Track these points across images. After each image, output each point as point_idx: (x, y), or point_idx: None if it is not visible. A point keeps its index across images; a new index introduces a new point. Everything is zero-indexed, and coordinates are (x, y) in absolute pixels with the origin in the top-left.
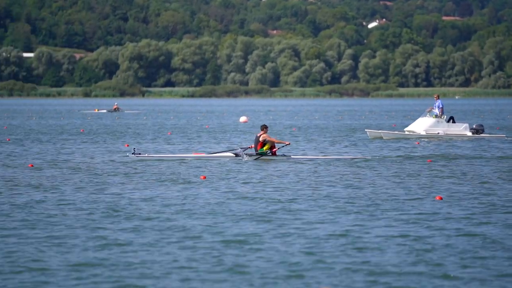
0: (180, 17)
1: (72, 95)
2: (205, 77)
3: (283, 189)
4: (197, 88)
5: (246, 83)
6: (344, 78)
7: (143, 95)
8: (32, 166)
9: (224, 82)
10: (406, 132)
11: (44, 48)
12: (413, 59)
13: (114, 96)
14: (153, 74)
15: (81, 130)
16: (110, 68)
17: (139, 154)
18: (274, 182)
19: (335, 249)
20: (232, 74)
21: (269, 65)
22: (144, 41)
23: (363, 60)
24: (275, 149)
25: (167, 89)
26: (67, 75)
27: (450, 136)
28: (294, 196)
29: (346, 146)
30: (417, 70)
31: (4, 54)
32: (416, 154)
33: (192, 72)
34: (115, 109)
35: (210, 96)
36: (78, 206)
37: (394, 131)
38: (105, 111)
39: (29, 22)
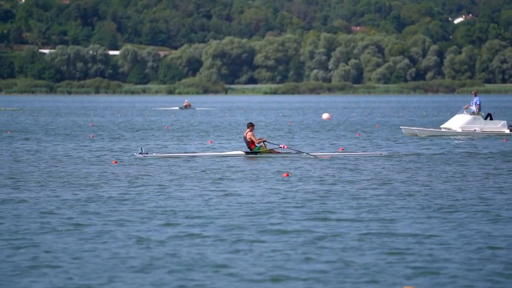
0: (263, 14)
1: (156, 92)
2: (287, 74)
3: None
4: (280, 85)
5: (329, 80)
6: (428, 75)
7: (226, 92)
8: (116, 162)
9: (306, 79)
10: (443, 130)
11: (129, 46)
12: (500, 55)
13: (197, 93)
14: (236, 71)
15: (166, 127)
16: (194, 66)
17: (146, 154)
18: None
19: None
20: (315, 71)
21: (352, 61)
22: (227, 39)
23: (448, 56)
24: (285, 146)
25: (250, 86)
26: (152, 73)
27: (486, 133)
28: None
29: (401, 143)
30: (505, 66)
31: (91, 52)
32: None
33: (274, 69)
34: (185, 106)
35: (292, 93)
36: (189, 200)
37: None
38: (177, 108)
39: (115, 20)
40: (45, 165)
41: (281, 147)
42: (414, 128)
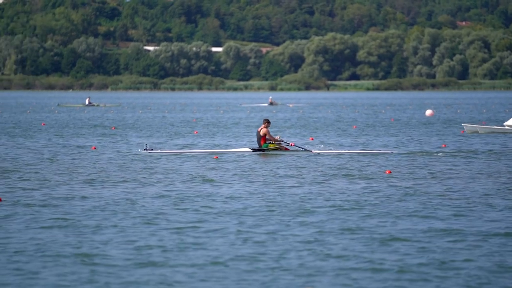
0: (366, 9)
1: (259, 88)
2: (390, 70)
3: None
4: (383, 81)
5: (433, 76)
6: None
7: (328, 89)
8: (217, 157)
9: (410, 75)
10: (506, 127)
11: (232, 43)
12: None
13: (299, 89)
14: (338, 67)
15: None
16: (296, 62)
17: (152, 150)
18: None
19: None
20: (419, 66)
21: (457, 57)
22: (329, 35)
23: None
24: (292, 143)
25: (352, 82)
26: (254, 69)
27: None
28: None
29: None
30: None
31: (194, 48)
32: None
33: (377, 65)
34: (271, 103)
35: (395, 89)
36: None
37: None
38: (266, 104)
39: (218, 17)
40: (160, 160)
41: (289, 145)
42: (476, 125)
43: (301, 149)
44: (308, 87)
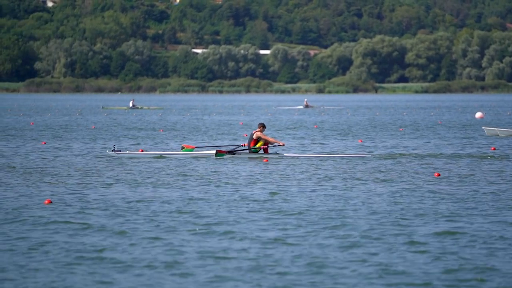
0: (415, 12)
1: (306, 91)
2: (439, 72)
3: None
4: (431, 84)
5: (482, 78)
6: None
7: (376, 91)
8: (267, 161)
9: (459, 78)
10: None
11: (280, 45)
12: None
13: (347, 92)
14: (387, 69)
15: (315, 126)
16: (344, 64)
17: (119, 151)
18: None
19: None
20: (468, 69)
21: (507, 59)
22: (378, 37)
23: None
24: (266, 147)
25: (400, 84)
26: (302, 72)
27: None
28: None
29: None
30: None
31: (242, 51)
32: None
33: (426, 68)
34: (306, 105)
35: (444, 92)
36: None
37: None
38: (301, 107)
39: (266, 20)
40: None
41: (280, 145)
42: (496, 128)
43: (272, 153)
44: (356, 90)
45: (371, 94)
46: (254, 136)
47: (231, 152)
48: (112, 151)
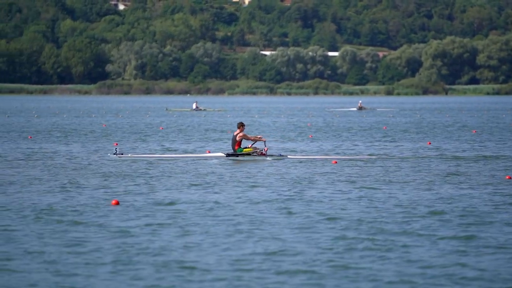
0: (487, 12)
1: (375, 93)
2: (511, 74)
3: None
4: (503, 85)
5: None
6: None
7: (446, 93)
8: (336, 163)
9: None
10: None
11: (348, 47)
12: None
13: (416, 94)
14: (457, 71)
15: (384, 128)
16: (413, 66)
17: (122, 154)
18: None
19: None
20: None
21: None
22: (448, 38)
23: None
24: (266, 148)
25: (471, 86)
26: (370, 73)
27: None
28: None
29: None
30: None
31: (310, 53)
32: None
33: (498, 69)
34: (360, 107)
35: None
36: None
37: None
38: (354, 109)
39: (334, 21)
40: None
41: (263, 140)
42: None
43: (276, 155)
44: (425, 92)
45: (441, 96)
46: (237, 138)
47: (232, 154)
48: (114, 154)
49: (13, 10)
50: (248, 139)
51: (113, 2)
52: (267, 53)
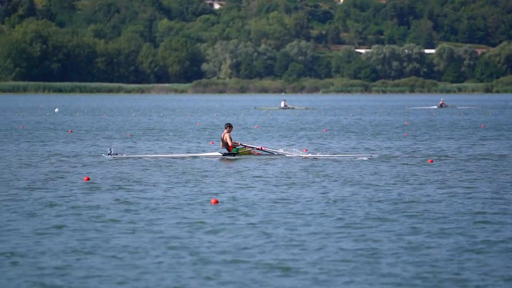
0: None
1: (473, 90)
2: None
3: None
4: None
5: None
6: None
7: None
8: (432, 161)
9: None
10: None
11: (445, 44)
12: None
13: None
14: None
15: (482, 126)
16: None
17: (116, 154)
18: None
19: None
20: None
21: None
22: None
23: None
24: (261, 147)
25: None
26: (468, 71)
27: None
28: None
29: None
30: None
31: (406, 51)
32: None
33: None
34: (441, 105)
35: None
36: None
37: None
38: (435, 107)
39: (431, 18)
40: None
41: (259, 149)
42: None
43: (275, 153)
44: None
45: None
46: (224, 139)
47: (230, 154)
48: (109, 154)
49: (111, 11)
50: (227, 141)
51: (208, 2)
52: (362, 51)
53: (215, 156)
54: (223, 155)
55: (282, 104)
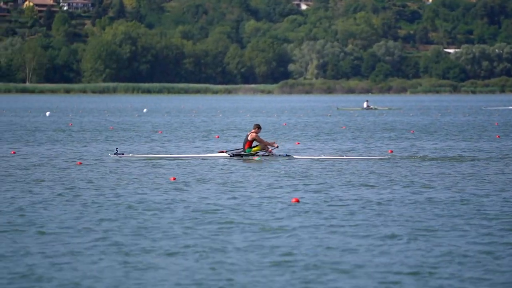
0: None
1: None
2: None
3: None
4: None
5: None
6: None
7: None
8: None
9: None
10: None
11: None
12: None
13: None
14: None
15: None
16: None
17: (122, 154)
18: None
19: None
20: None
21: None
22: None
23: None
24: (270, 149)
25: None
26: None
27: None
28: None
29: None
30: None
31: (497, 50)
32: None
33: None
34: None
35: None
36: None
37: None
38: (510, 107)
39: None
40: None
41: (275, 147)
42: None
43: (284, 155)
44: None
45: None
46: (249, 138)
47: (237, 155)
48: (115, 154)
49: (199, 12)
50: (259, 142)
51: (295, 2)
52: (451, 51)
53: (223, 157)
54: (230, 156)
55: (365, 105)
